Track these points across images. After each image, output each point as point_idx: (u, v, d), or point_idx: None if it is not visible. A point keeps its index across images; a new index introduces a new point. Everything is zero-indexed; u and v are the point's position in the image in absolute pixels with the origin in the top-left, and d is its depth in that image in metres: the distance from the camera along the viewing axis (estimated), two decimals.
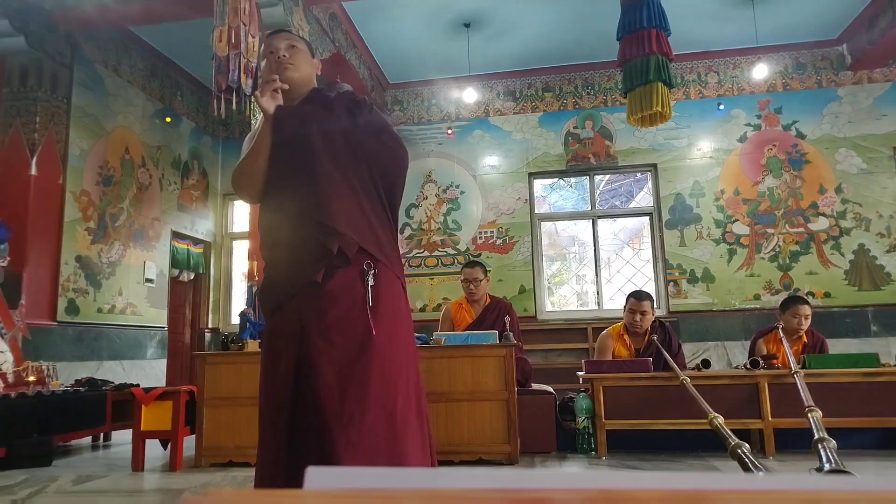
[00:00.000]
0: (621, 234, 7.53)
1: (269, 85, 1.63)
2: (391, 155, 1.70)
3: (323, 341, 1.49)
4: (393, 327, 1.57)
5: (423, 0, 5.77)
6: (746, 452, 1.98)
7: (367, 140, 1.67)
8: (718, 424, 2.38)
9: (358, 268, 1.57)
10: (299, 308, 1.54)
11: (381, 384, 1.48)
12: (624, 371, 3.68)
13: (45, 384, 4.19)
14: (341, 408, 1.42)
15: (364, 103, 1.77)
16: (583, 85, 7.24)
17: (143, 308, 6.44)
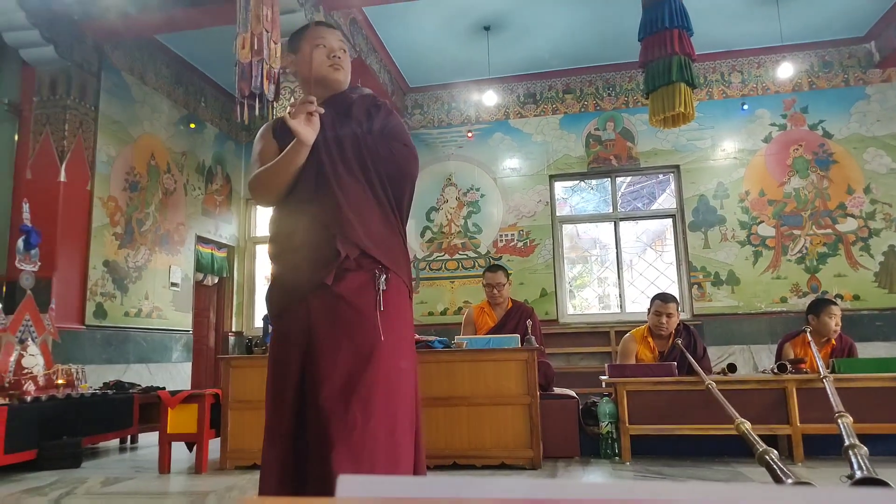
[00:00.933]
0: (644, 236, 7.46)
1: (305, 107, 1.56)
2: (400, 164, 1.68)
3: (331, 344, 1.49)
4: (400, 335, 1.56)
5: (442, 4, 5.78)
6: (775, 459, 1.95)
7: (379, 147, 1.65)
8: (745, 430, 2.34)
9: (369, 273, 1.56)
10: (308, 310, 1.53)
11: (386, 392, 1.46)
12: (648, 375, 3.64)
13: (75, 387, 4.28)
14: (345, 413, 1.41)
15: (383, 107, 1.76)
16: (604, 86, 7.20)
17: (169, 312, 6.53)
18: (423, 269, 7.17)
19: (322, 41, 1.73)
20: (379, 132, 1.68)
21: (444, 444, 3.45)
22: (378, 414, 1.43)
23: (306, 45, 1.74)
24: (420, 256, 7.22)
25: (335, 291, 1.52)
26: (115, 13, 5.39)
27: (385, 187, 1.64)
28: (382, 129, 1.69)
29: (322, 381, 1.45)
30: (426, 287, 7.13)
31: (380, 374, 1.47)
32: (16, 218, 5.05)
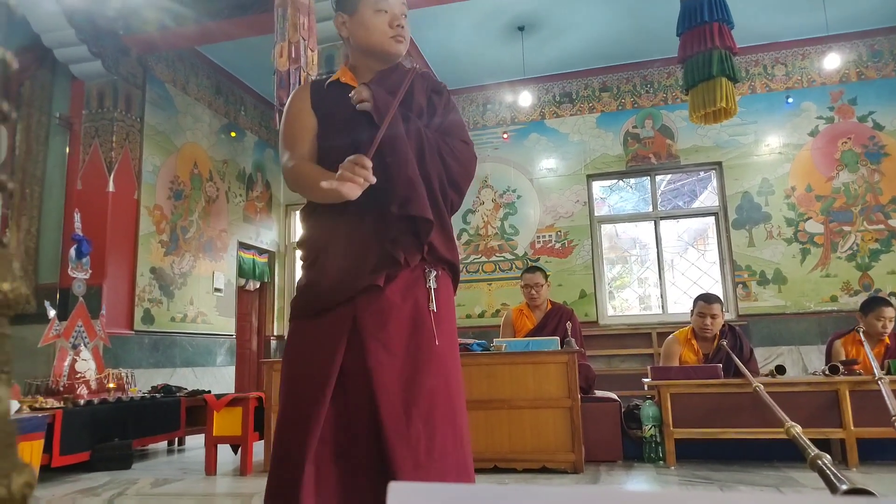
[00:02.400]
0: (685, 235, 7.31)
1: (359, 174, 1.31)
2: (462, 161, 1.54)
3: (385, 352, 1.36)
4: (452, 335, 1.50)
5: (476, 6, 5.78)
6: (828, 464, 1.88)
7: (441, 145, 1.50)
8: (796, 434, 2.26)
9: (420, 270, 1.46)
10: (354, 313, 1.39)
11: (447, 398, 1.39)
12: (692, 377, 3.56)
13: (125, 391, 4.41)
14: (407, 428, 1.31)
15: (444, 94, 1.60)
16: (641, 83, 7.09)
17: (213, 317, 6.69)
18: (460, 272, 7.16)
19: (385, 5, 1.51)
20: (440, 126, 1.54)
21: (483, 448, 3.44)
22: (441, 425, 1.35)
23: (366, 8, 1.52)
24: None
25: (386, 293, 1.41)
26: (156, 27, 5.55)
27: (444, 187, 1.50)
28: (443, 122, 1.55)
29: (377, 394, 1.33)
30: (463, 290, 7.13)
31: (440, 380, 1.39)
32: (68, 228, 5.24)
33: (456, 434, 1.38)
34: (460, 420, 1.41)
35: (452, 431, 1.38)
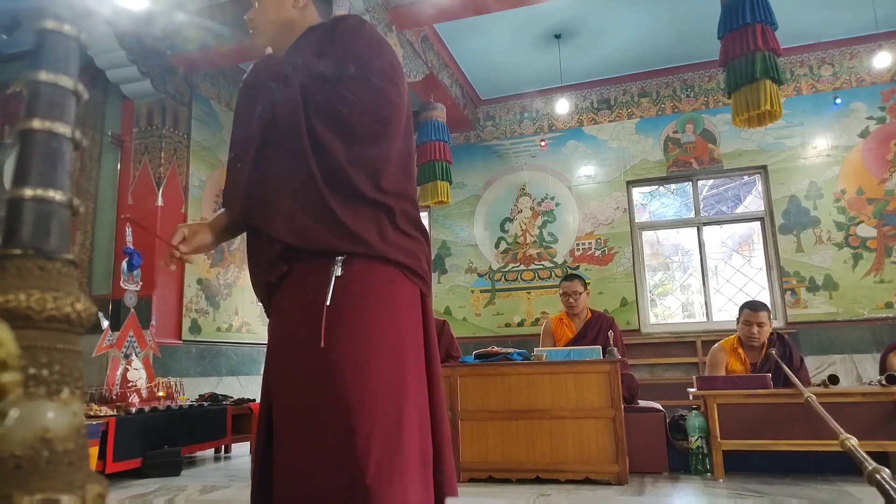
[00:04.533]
0: (729, 240, 7.14)
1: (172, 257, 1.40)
2: (355, 104, 1.30)
3: (276, 353, 1.36)
4: (369, 331, 1.26)
5: (512, 16, 5.79)
6: (887, 478, 1.81)
7: (333, 93, 1.31)
8: (851, 446, 2.19)
9: (322, 262, 1.29)
10: (271, 323, 1.42)
11: (342, 418, 1.18)
12: (740, 387, 3.47)
13: (174, 399, 4.53)
14: (286, 458, 1.23)
15: (339, 28, 1.43)
16: (681, 87, 6.97)
17: (257, 326, 6.83)
18: (498, 281, 7.15)
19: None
20: (337, 73, 1.36)
21: (525, 458, 3.42)
22: (329, 454, 1.18)
23: None
24: (495, 268, 7.21)
25: (282, 287, 1.34)
26: (200, 46, 5.74)
27: (347, 152, 1.29)
28: (341, 67, 1.36)
29: (274, 409, 1.32)
30: (502, 298, 7.10)
31: (329, 395, 1.20)
32: (119, 241, 5.44)
33: (350, 467, 1.16)
34: (376, 450, 1.17)
35: (343, 464, 1.17)
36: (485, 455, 3.48)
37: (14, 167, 0.46)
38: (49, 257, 0.46)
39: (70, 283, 0.47)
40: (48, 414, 0.39)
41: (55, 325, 0.43)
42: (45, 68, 0.48)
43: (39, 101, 0.47)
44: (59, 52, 0.48)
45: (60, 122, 0.47)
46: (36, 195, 0.46)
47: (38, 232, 0.45)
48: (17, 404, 0.38)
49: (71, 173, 0.48)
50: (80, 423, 0.41)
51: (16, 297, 0.41)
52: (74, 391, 0.42)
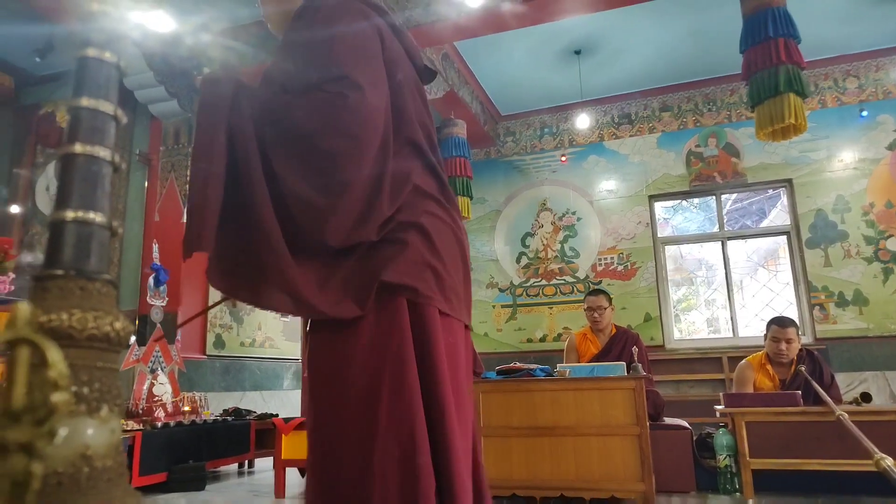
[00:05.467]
0: (754, 255, 7.04)
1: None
2: (278, 123, 1.14)
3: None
4: (314, 389, 1.19)
5: (532, 32, 5.82)
6: None
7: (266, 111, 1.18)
8: (887, 466, 2.13)
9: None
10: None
11: (321, 463, 1.16)
12: (769, 405, 3.40)
13: (199, 414, 4.57)
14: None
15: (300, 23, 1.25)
16: (703, 101, 6.93)
17: (280, 341, 6.87)
18: (519, 296, 7.13)
19: None
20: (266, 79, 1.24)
21: (549, 475, 3.38)
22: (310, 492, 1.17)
23: None
24: (516, 283, 7.18)
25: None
26: (225, 66, 5.85)
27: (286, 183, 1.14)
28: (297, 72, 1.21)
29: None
30: (523, 314, 7.07)
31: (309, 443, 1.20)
32: (146, 258, 5.54)
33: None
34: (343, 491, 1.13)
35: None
36: (508, 472, 3.45)
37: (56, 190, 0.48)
38: (90, 278, 0.47)
39: (109, 303, 0.49)
40: (88, 431, 0.40)
41: (95, 344, 0.44)
42: (86, 94, 0.50)
43: (81, 126, 0.49)
44: (99, 79, 0.50)
45: (101, 147, 0.49)
46: (77, 217, 0.47)
47: (79, 253, 0.47)
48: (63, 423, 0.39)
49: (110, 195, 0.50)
50: (118, 440, 0.42)
51: (58, 317, 0.43)
52: (113, 409, 0.43)
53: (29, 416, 0.37)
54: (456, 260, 1.29)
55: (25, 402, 0.37)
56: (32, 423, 0.36)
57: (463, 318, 1.30)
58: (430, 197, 1.27)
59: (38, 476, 0.36)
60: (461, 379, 1.24)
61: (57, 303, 0.44)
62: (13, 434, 0.36)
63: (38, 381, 0.37)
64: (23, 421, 0.36)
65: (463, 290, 1.32)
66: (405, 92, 1.30)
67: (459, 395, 1.21)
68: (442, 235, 1.26)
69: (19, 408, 0.37)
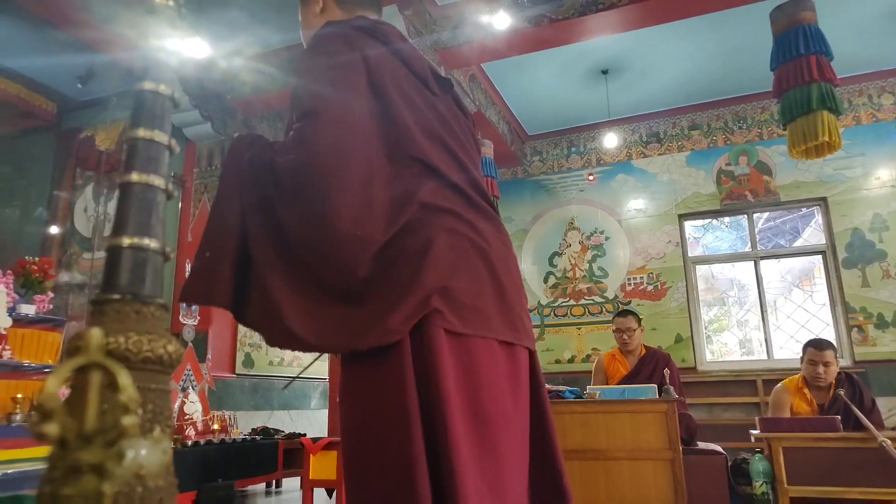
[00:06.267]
0: (788, 275, 6.89)
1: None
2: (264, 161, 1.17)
3: None
4: (346, 432, 1.16)
5: (559, 53, 5.85)
6: None
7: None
8: None
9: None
10: None
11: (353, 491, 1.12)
12: (807, 430, 3.30)
13: (228, 432, 4.61)
14: None
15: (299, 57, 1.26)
16: (733, 119, 6.86)
17: (307, 360, 6.91)
18: (547, 316, 7.07)
19: None
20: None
21: (580, 499, 3.32)
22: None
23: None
24: (544, 303, 7.14)
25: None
26: (257, 90, 6.00)
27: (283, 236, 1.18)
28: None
29: None
30: (551, 334, 7.01)
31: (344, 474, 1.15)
32: (180, 277, 5.65)
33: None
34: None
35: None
36: None
37: (114, 217, 0.50)
38: (144, 302, 0.49)
39: (162, 326, 0.50)
40: (142, 451, 0.41)
41: (149, 366, 0.46)
42: (143, 125, 0.52)
43: (137, 156, 0.51)
44: (155, 111, 0.52)
45: (156, 175, 0.51)
46: (133, 243, 0.49)
47: (134, 278, 0.49)
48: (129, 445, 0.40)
49: (163, 222, 0.52)
50: (169, 460, 0.43)
51: (115, 340, 0.44)
52: (165, 429, 0.44)
53: (100, 438, 0.38)
54: (478, 276, 1.21)
55: (97, 425, 0.38)
56: (103, 444, 0.38)
57: (496, 336, 1.20)
58: (448, 212, 1.22)
59: (108, 496, 0.37)
60: (488, 401, 1.13)
61: (114, 326, 0.46)
62: (86, 455, 0.37)
63: (108, 404, 0.39)
64: (95, 443, 0.38)
65: (496, 306, 1.22)
66: (405, 110, 1.26)
67: (486, 421, 1.11)
68: (456, 252, 1.19)
69: (91, 430, 0.38)
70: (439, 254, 1.15)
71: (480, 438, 1.09)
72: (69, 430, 0.39)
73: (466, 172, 1.31)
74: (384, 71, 1.25)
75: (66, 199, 6.71)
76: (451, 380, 1.07)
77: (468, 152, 1.36)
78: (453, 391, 1.06)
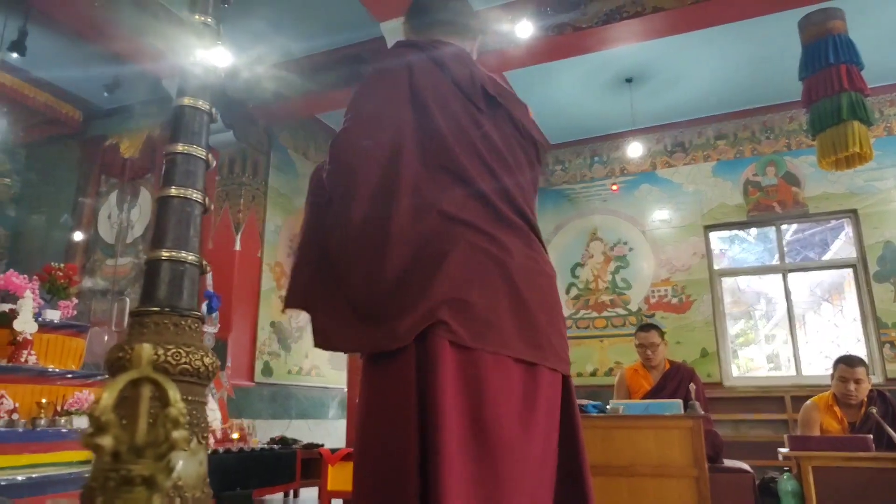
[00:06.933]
0: (818, 288, 6.74)
1: None
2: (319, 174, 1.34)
3: None
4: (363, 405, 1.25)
5: (582, 62, 5.81)
6: None
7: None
8: None
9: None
10: None
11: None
12: (838, 449, 3.20)
13: (247, 441, 4.60)
14: None
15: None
16: (761, 129, 6.75)
17: (326, 370, 6.91)
18: (569, 328, 6.99)
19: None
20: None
21: None
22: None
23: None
24: (566, 314, 7.05)
25: None
26: (281, 98, 6.04)
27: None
28: None
29: None
30: (573, 346, 6.92)
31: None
32: (201, 285, 5.67)
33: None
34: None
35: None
36: None
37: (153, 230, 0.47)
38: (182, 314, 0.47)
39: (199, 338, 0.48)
40: (179, 462, 0.40)
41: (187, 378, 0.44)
42: (182, 140, 0.50)
43: (176, 171, 0.49)
44: (194, 126, 0.51)
45: (193, 189, 0.49)
46: (171, 257, 0.47)
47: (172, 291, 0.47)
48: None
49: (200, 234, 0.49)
50: (205, 471, 0.41)
51: (155, 352, 0.42)
52: (201, 440, 0.42)
53: (151, 451, 0.38)
54: (495, 290, 1.21)
55: (148, 438, 0.38)
56: (154, 457, 0.38)
57: (511, 353, 1.19)
58: (468, 225, 1.23)
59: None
60: (490, 417, 1.12)
61: (153, 338, 0.44)
62: (138, 468, 0.37)
63: (159, 418, 0.38)
64: (146, 455, 0.38)
65: (514, 322, 1.21)
66: (442, 121, 1.28)
67: (486, 436, 1.11)
68: (472, 265, 1.20)
69: (143, 443, 0.38)
70: (453, 266, 1.17)
71: (478, 453, 1.09)
72: (122, 442, 0.38)
73: (498, 183, 1.31)
74: (426, 85, 1.31)
75: (91, 206, 6.80)
76: (449, 390, 1.09)
77: (508, 167, 1.35)
78: (450, 401, 1.08)
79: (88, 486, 0.40)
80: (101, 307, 6.32)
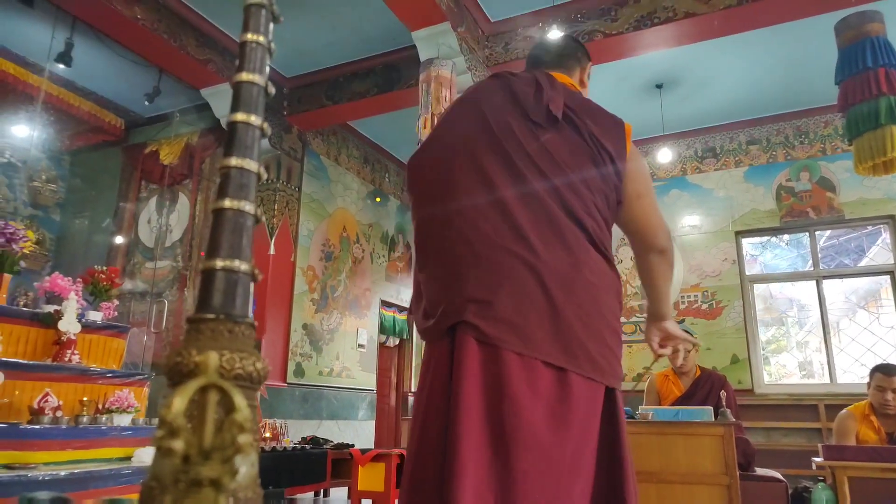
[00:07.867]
0: (853, 295, 6.59)
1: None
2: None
3: None
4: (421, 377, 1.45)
5: (611, 67, 5.80)
6: None
7: None
8: None
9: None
10: None
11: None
12: (875, 459, 3.14)
13: (279, 440, 4.70)
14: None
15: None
16: (794, 134, 6.65)
17: (356, 371, 7.00)
18: None
19: None
20: None
21: None
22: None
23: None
24: None
25: None
26: (314, 106, 6.17)
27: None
28: None
29: None
30: None
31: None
32: None
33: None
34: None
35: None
36: None
37: (209, 240, 0.53)
38: (236, 321, 0.52)
39: (251, 344, 0.53)
40: (243, 466, 0.44)
41: (240, 383, 0.49)
42: (235, 154, 0.55)
43: (230, 184, 0.55)
44: (246, 141, 0.56)
45: (246, 202, 0.54)
46: (225, 266, 0.52)
47: (227, 299, 0.52)
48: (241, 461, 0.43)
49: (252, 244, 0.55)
50: (256, 472, 0.45)
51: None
52: (253, 443, 0.47)
53: (218, 455, 0.42)
54: (524, 294, 1.25)
55: (215, 442, 0.42)
56: (221, 460, 0.41)
57: (539, 356, 1.21)
58: (507, 230, 1.30)
59: None
60: (509, 414, 1.16)
61: (209, 344, 0.49)
62: (205, 470, 0.41)
63: (225, 423, 0.42)
64: (213, 458, 0.41)
65: (544, 326, 1.23)
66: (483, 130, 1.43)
67: (504, 432, 1.15)
68: (506, 270, 1.27)
69: (210, 447, 0.42)
70: (483, 267, 1.27)
71: (494, 445, 1.16)
72: (192, 446, 0.42)
73: (550, 187, 1.35)
74: (482, 99, 1.51)
75: (132, 211, 7.03)
76: (471, 383, 1.18)
77: (565, 174, 1.38)
78: (472, 393, 1.17)
79: (148, 485, 0.44)
80: (139, 308, 6.52)
